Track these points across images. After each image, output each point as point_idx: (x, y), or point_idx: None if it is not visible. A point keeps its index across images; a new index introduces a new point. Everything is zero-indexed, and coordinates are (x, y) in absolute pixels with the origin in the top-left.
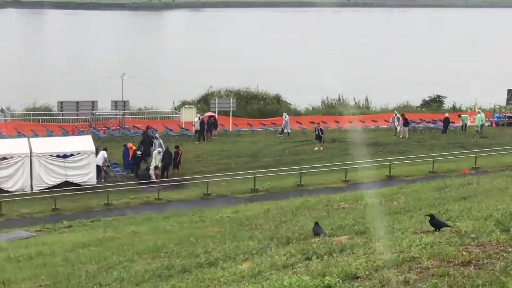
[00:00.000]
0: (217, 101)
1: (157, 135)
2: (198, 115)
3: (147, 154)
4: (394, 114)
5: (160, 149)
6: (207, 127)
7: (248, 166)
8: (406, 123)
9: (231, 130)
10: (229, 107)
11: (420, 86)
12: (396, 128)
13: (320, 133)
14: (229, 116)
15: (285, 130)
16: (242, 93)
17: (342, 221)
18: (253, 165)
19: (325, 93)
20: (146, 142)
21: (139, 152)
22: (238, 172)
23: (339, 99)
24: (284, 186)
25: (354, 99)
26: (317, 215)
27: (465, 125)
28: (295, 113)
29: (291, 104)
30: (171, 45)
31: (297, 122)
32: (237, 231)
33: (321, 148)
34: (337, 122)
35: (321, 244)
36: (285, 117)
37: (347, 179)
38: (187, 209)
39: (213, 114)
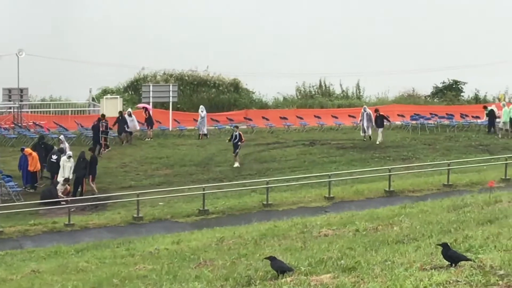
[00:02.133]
0: (151, 89)
1: (62, 136)
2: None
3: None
4: (363, 110)
5: (70, 153)
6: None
7: (194, 178)
8: (381, 122)
9: (171, 129)
10: (169, 96)
11: (431, 69)
12: (365, 130)
13: (239, 141)
14: (169, 109)
15: (200, 131)
16: (186, 77)
17: (324, 254)
18: (201, 177)
19: (301, 77)
20: (40, 147)
21: (55, 157)
22: (180, 187)
23: (320, 85)
24: (244, 206)
25: (341, 85)
26: (290, 246)
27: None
28: (260, 105)
29: (253, 93)
30: (86, 12)
31: (263, 117)
32: (178, 269)
33: (237, 165)
34: (318, 117)
35: (295, 286)
36: (202, 111)
37: (331, 195)
38: (109, 238)
39: (147, 106)
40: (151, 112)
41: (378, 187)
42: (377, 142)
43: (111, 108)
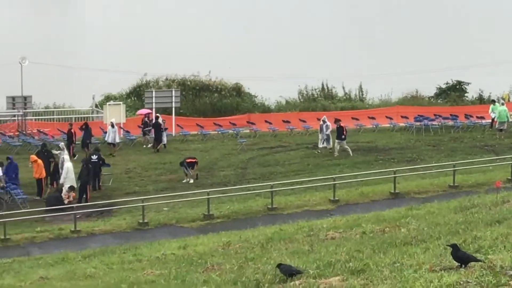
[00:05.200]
0: (154, 94)
1: (61, 144)
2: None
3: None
4: (322, 121)
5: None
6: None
7: (198, 183)
8: (340, 134)
9: (174, 134)
10: (171, 102)
11: (433, 69)
12: (323, 140)
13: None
14: (172, 115)
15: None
16: (188, 82)
17: (332, 256)
18: (205, 181)
19: (303, 80)
20: (43, 154)
21: (95, 157)
22: (185, 192)
23: (323, 88)
24: (249, 210)
25: (343, 88)
26: (297, 249)
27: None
28: (263, 109)
29: (256, 97)
30: (88, 19)
31: (266, 121)
32: (186, 274)
33: (190, 181)
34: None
35: None
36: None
37: (336, 198)
38: (116, 244)
39: (149, 111)
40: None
41: (383, 189)
42: (334, 155)
43: (115, 114)
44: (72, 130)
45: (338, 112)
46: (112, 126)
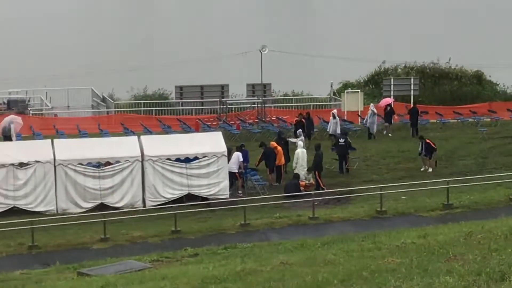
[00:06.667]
0: (392, 82)
1: (299, 130)
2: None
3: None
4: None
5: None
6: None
7: (437, 172)
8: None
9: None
10: (410, 90)
11: None
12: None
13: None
14: (410, 103)
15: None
16: (427, 70)
17: None
18: (444, 171)
19: None
20: (281, 142)
21: (342, 140)
22: (423, 181)
23: None
24: (490, 200)
25: None
26: None
27: None
28: (505, 97)
29: (497, 85)
30: (326, 8)
31: (508, 109)
32: (428, 263)
33: (429, 169)
34: None
35: None
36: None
37: None
38: (354, 232)
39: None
40: (392, 106)
41: None
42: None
43: (352, 102)
44: (303, 120)
45: None
46: (334, 117)
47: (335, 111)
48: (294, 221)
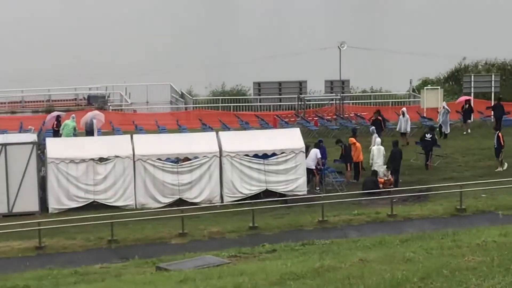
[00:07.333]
0: (472, 79)
1: (372, 127)
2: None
3: None
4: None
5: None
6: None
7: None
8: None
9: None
10: (490, 87)
11: None
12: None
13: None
14: (490, 100)
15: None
16: (509, 67)
17: None
18: None
19: None
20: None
21: (429, 136)
22: (505, 178)
23: None
24: None
25: None
26: None
27: None
28: None
29: None
30: (402, 4)
31: None
32: (510, 262)
33: (504, 167)
34: None
35: None
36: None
37: None
38: (433, 230)
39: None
40: (472, 103)
41: None
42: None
43: (432, 99)
44: (379, 117)
45: None
46: (403, 115)
47: (404, 109)
48: (372, 218)
